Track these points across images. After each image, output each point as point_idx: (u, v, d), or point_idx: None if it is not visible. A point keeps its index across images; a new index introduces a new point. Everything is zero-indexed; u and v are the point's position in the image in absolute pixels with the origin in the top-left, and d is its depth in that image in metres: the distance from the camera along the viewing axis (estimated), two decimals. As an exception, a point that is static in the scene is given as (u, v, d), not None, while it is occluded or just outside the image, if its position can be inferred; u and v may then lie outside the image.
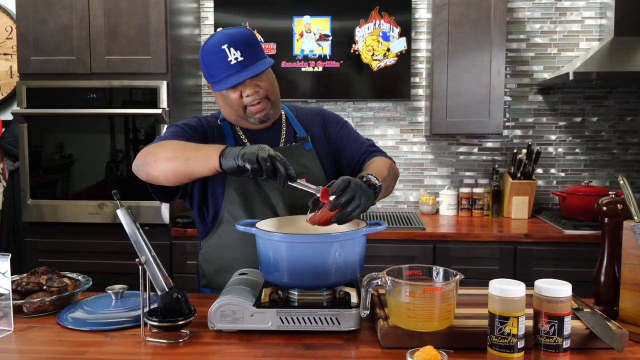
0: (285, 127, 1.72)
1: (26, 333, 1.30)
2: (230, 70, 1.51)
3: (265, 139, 1.66)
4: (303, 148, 1.69)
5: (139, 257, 1.24)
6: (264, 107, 1.58)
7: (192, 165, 1.38)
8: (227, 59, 1.50)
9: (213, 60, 1.53)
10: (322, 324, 1.26)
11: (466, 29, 2.99)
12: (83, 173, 2.92)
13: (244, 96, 1.56)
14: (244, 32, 1.55)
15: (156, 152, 1.44)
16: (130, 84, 2.82)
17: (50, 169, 2.95)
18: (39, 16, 2.85)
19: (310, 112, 1.79)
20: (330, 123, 1.77)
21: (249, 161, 1.26)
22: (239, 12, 3.29)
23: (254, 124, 1.63)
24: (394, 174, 1.65)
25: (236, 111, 1.61)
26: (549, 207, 3.37)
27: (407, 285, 1.17)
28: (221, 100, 1.62)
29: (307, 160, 1.67)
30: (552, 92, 3.33)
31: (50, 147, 2.92)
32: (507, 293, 1.08)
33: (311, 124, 1.75)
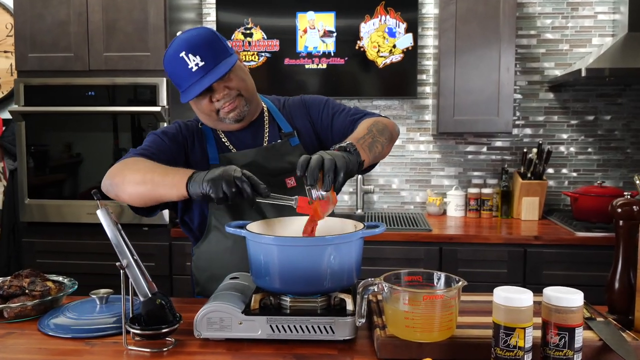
0: (269, 124, 1.63)
1: (4, 339, 1.23)
2: (193, 77, 1.42)
3: (247, 138, 1.59)
4: (289, 144, 1.60)
5: (120, 260, 1.16)
6: (236, 105, 1.50)
7: (161, 192, 1.34)
8: (187, 67, 1.41)
9: (174, 70, 1.44)
10: (315, 332, 1.18)
11: (474, 24, 2.90)
12: (82, 172, 2.87)
13: (214, 100, 1.48)
14: (202, 34, 1.45)
15: (124, 174, 1.40)
16: (129, 81, 2.76)
17: (49, 168, 2.90)
18: (36, 12, 2.79)
19: (294, 102, 1.68)
20: (312, 108, 1.65)
21: (212, 188, 1.21)
22: (242, 9, 3.22)
23: (230, 124, 1.54)
24: (379, 128, 1.48)
25: (210, 116, 1.53)
26: (560, 208, 3.26)
27: (405, 292, 1.09)
28: (195, 108, 1.54)
29: (294, 157, 1.57)
30: (564, 90, 3.22)
31: (49, 145, 2.87)
32: (513, 302, 0.99)
33: (296, 115, 1.65)
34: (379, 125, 1.50)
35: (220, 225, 1.55)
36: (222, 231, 1.56)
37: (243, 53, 3.23)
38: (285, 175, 1.58)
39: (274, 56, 3.22)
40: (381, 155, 1.48)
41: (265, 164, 1.57)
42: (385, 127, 1.52)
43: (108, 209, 1.18)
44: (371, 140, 1.42)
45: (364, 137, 1.41)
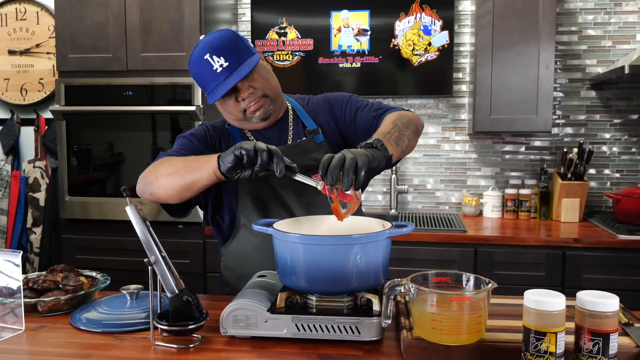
0: (293, 122, 1.64)
1: (36, 333, 1.26)
2: (218, 78, 1.45)
3: (273, 136, 1.60)
4: (314, 142, 1.60)
5: (148, 257, 1.18)
6: (261, 104, 1.51)
7: (192, 175, 1.36)
8: (212, 68, 1.44)
9: (200, 72, 1.47)
10: (340, 332, 1.17)
11: (512, 20, 2.83)
12: (119, 170, 2.93)
13: (240, 100, 1.50)
14: (224, 36, 1.47)
15: (157, 170, 1.43)
16: (165, 81, 2.80)
17: (88, 166, 2.97)
18: (75, 14, 2.86)
19: (318, 100, 1.69)
20: (335, 105, 1.65)
21: (245, 150, 1.23)
22: (276, 9, 3.23)
23: (257, 122, 1.56)
24: (404, 122, 1.47)
25: (236, 116, 1.54)
26: (601, 210, 3.16)
27: (432, 293, 1.06)
28: (221, 108, 1.56)
29: (319, 154, 1.57)
30: (606, 88, 3.11)
31: (88, 144, 2.94)
32: (544, 306, 0.96)
33: (319, 113, 1.65)
34: (403, 119, 1.48)
35: (249, 224, 1.55)
36: (250, 230, 1.56)
37: (277, 52, 3.24)
38: (310, 172, 1.58)
39: (308, 55, 3.22)
40: (408, 148, 1.46)
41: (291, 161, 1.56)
42: (410, 121, 1.50)
43: (137, 206, 1.19)
44: (397, 134, 1.41)
45: (390, 131, 1.40)
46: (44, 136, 3.50)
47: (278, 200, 1.56)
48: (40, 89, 3.53)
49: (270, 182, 1.54)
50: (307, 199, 1.55)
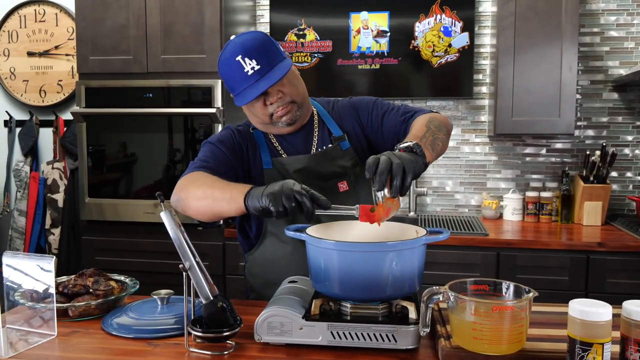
0: (318, 128, 1.62)
1: (69, 338, 1.25)
2: (248, 81, 1.43)
3: (298, 142, 1.59)
4: (340, 148, 1.59)
5: (183, 262, 1.17)
6: (289, 110, 1.50)
7: (220, 208, 1.35)
8: (243, 70, 1.42)
9: (230, 73, 1.45)
10: (376, 340, 1.15)
11: (534, 22, 2.80)
12: (140, 172, 2.93)
13: (268, 104, 1.49)
14: (257, 38, 1.46)
15: (188, 190, 1.42)
16: (185, 83, 2.80)
17: (108, 168, 2.97)
18: (97, 16, 2.87)
19: (343, 105, 1.66)
20: (361, 109, 1.63)
21: (272, 202, 1.19)
22: (295, 10, 3.22)
23: (282, 127, 1.54)
24: (436, 125, 1.45)
25: (263, 120, 1.53)
26: (624, 213, 3.12)
27: (473, 302, 1.05)
28: (247, 111, 1.55)
29: (345, 161, 1.57)
30: (629, 89, 3.08)
31: (108, 146, 2.94)
32: (591, 316, 0.94)
33: (345, 118, 1.63)
34: (435, 121, 1.46)
35: (276, 231, 1.55)
36: (278, 237, 1.55)
37: (296, 54, 3.23)
38: (337, 179, 1.58)
39: (327, 57, 3.21)
40: (441, 152, 1.44)
41: (317, 169, 1.56)
42: (441, 123, 1.48)
43: (172, 211, 1.18)
44: (432, 138, 1.39)
45: (425, 135, 1.37)
46: (62, 137, 3.51)
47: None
48: (59, 90, 3.54)
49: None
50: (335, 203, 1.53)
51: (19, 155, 3.59)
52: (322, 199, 1.21)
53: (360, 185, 1.58)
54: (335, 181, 1.56)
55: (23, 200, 3.53)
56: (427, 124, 1.43)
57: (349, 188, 1.56)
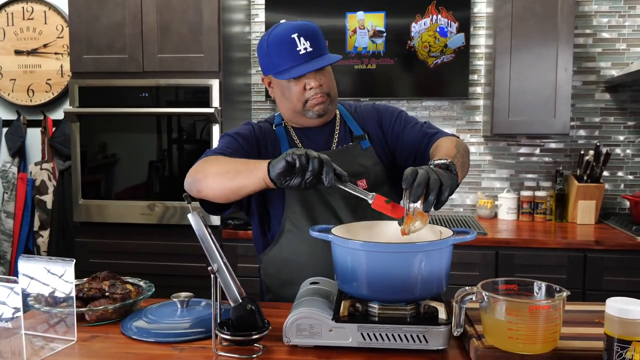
0: (339, 126, 1.64)
1: (90, 343, 1.22)
2: (297, 60, 1.46)
3: (320, 139, 1.60)
4: (360, 147, 1.61)
5: (211, 264, 1.15)
6: (323, 101, 1.53)
7: (241, 179, 1.31)
8: (296, 48, 1.45)
9: (280, 49, 1.47)
10: (407, 341, 1.15)
11: (531, 23, 2.83)
12: (135, 173, 2.88)
13: (307, 89, 1.50)
14: (312, 24, 1.51)
15: (206, 169, 1.39)
16: (183, 82, 2.76)
17: (102, 169, 2.92)
18: (91, 14, 2.81)
19: (366, 108, 1.70)
20: (385, 115, 1.66)
21: (297, 155, 1.18)
22: (291, 9, 3.20)
23: (311, 117, 1.55)
24: (463, 149, 1.48)
25: (295, 105, 1.54)
26: (616, 212, 3.17)
27: (509, 302, 1.05)
28: (280, 94, 1.56)
29: (365, 160, 1.59)
30: (621, 90, 3.13)
31: (102, 146, 2.89)
32: (629, 314, 0.95)
33: (367, 121, 1.66)
34: (462, 145, 1.50)
35: (295, 229, 1.53)
36: (294, 235, 1.54)
37: (292, 54, 3.21)
38: (356, 177, 1.58)
39: (323, 57, 3.19)
40: (465, 175, 1.46)
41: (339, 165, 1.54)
42: (466, 148, 1.53)
43: (199, 213, 1.16)
44: (461, 160, 1.41)
45: (456, 156, 1.38)
46: (51, 138, 3.44)
47: (325, 205, 1.54)
48: (48, 89, 3.47)
49: (314, 189, 1.53)
50: (354, 203, 1.54)
51: (6, 156, 3.51)
52: (342, 170, 1.22)
53: (379, 184, 1.58)
54: (355, 179, 1.56)
55: (11, 202, 3.45)
56: (456, 146, 1.45)
57: (367, 187, 1.56)
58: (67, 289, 1.25)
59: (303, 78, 1.49)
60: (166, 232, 2.85)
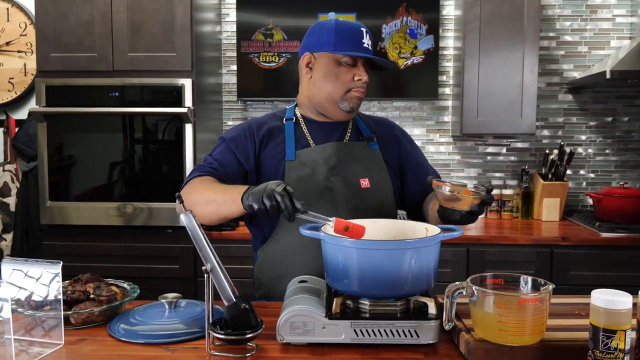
0: (352, 127, 1.69)
1: (78, 346, 1.20)
2: (361, 50, 1.54)
3: (332, 135, 1.64)
4: (368, 147, 1.65)
5: (205, 264, 1.15)
6: (361, 97, 1.60)
7: (225, 210, 1.41)
8: (361, 40, 1.54)
9: (347, 35, 1.54)
10: (399, 336, 1.17)
11: (499, 26, 2.91)
12: (105, 174, 2.83)
13: (355, 79, 1.56)
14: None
15: (190, 198, 1.47)
16: (154, 82, 2.73)
17: (71, 170, 2.85)
18: (59, 11, 2.75)
19: (379, 118, 1.80)
20: (404, 136, 1.77)
21: (255, 202, 1.28)
22: (262, 9, 3.20)
23: (343, 109, 1.59)
24: None
25: (336, 91, 1.57)
26: (579, 209, 3.29)
27: (498, 296, 1.08)
28: (321, 76, 1.58)
29: (370, 160, 1.63)
30: (583, 92, 3.25)
31: (71, 147, 2.83)
32: (614, 305, 0.99)
33: (379, 128, 1.73)
34: None
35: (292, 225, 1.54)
36: (290, 231, 1.55)
37: (263, 54, 3.21)
38: (360, 176, 1.61)
39: (295, 57, 3.21)
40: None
41: (341, 160, 1.61)
42: None
43: (192, 213, 1.16)
44: None
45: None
46: (14, 138, 3.33)
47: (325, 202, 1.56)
48: (11, 88, 3.37)
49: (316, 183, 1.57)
50: (354, 201, 1.56)
51: (-34, 157, 3.39)
52: (300, 203, 1.26)
53: (381, 185, 1.62)
54: (359, 177, 1.60)
55: (-29, 205, 3.33)
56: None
57: (370, 186, 1.60)
58: (51, 292, 1.22)
59: (354, 68, 1.55)
60: (137, 234, 2.81)
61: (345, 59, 1.54)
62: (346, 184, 1.57)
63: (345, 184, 1.57)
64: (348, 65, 1.55)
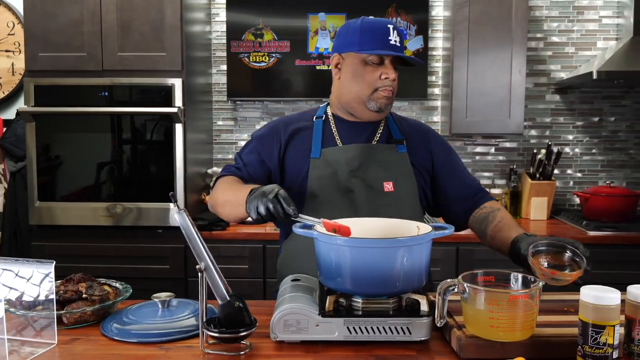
0: (383, 128, 1.66)
1: (71, 346, 1.20)
2: (387, 47, 1.51)
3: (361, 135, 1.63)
4: (396, 150, 1.63)
5: (199, 263, 1.15)
6: (390, 96, 1.57)
7: (238, 213, 1.44)
8: (388, 37, 1.51)
9: (373, 32, 1.52)
10: (391, 333, 1.18)
11: (487, 27, 2.94)
12: (94, 174, 2.81)
13: (382, 78, 1.54)
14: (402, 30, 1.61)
15: (214, 197, 1.58)
16: (144, 81, 2.72)
17: (60, 170, 2.83)
18: (47, 10, 2.73)
19: (413, 121, 1.76)
20: (438, 140, 1.72)
21: (250, 208, 1.33)
22: (252, 9, 3.20)
23: (371, 109, 1.57)
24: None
25: (363, 91, 1.56)
26: (566, 208, 3.33)
27: (489, 292, 1.10)
28: (349, 76, 1.57)
29: (396, 163, 1.61)
30: (570, 92, 3.29)
31: (60, 147, 2.81)
32: (603, 301, 1.01)
33: (411, 131, 1.69)
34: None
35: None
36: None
37: (253, 54, 3.21)
38: (383, 179, 1.60)
39: (285, 57, 3.21)
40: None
41: (366, 161, 1.60)
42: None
43: (186, 211, 1.16)
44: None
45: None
46: (2, 138, 3.31)
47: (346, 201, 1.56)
48: (-2, 88, 3.34)
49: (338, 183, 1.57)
50: (376, 204, 1.56)
51: (-47, 157, 3.35)
52: (291, 208, 1.27)
53: (404, 190, 1.61)
54: (382, 180, 1.59)
55: (-42, 206, 3.30)
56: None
57: (394, 190, 1.59)
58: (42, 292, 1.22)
59: (381, 67, 1.53)
60: (127, 234, 2.80)
61: (371, 58, 1.53)
62: (367, 186, 1.55)
63: (366, 186, 1.55)
64: (375, 64, 1.53)
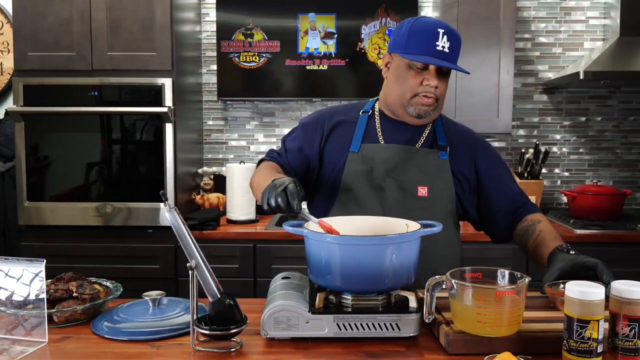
0: (429, 131, 1.62)
1: (62, 344, 1.20)
2: (431, 52, 1.45)
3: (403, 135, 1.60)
4: (437, 156, 1.59)
5: (189, 261, 1.16)
6: (430, 104, 1.52)
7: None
8: (435, 42, 1.45)
9: (420, 35, 1.46)
10: (380, 330, 1.20)
11: (476, 27, 2.96)
12: (84, 174, 2.81)
13: (424, 83, 1.49)
14: (458, 34, 1.51)
15: (253, 180, 1.59)
16: (134, 81, 2.72)
17: (49, 170, 2.82)
18: (36, 10, 2.72)
19: (463, 128, 1.70)
20: (486, 150, 1.68)
21: (262, 200, 1.33)
22: (242, 9, 3.21)
23: (410, 114, 1.54)
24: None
25: (404, 94, 1.53)
26: (553, 206, 3.36)
27: (476, 289, 1.12)
28: (394, 77, 1.55)
29: (435, 169, 1.58)
30: (557, 92, 3.32)
31: (49, 147, 2.80)
32: (587, 296, 1.03)
33: (457, 138, 1.64)
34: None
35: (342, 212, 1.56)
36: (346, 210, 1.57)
37: (244, 53, 3.22)
38: (419, 183, 1.58)
39: (275, 57, 3.22)
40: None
41: (403, 163, 1.58)
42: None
43: (177, 210, 1.17)
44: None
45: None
46: (-10, 138, 3.29)
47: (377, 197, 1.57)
48: (-14, 88, 3.32)
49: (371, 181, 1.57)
50: (407, 207, 1.54)
51: (-60, 158, 3.32)
52: (295, 203, 1.27)
53: (439, 197, 1.58)
54: (417, 184, 1.56)
55: (-54, 206, 3.27)
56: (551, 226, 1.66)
57: (428, 195, 1.56)
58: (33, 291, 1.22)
59: (425, 72, 1.48)
60: (117, 234, 2.80)
61: (415, 62, 1.48)
62: (401, 188, 1.54)
63: (399, 188, 1.53)
64: (418, 69, 1.48)
